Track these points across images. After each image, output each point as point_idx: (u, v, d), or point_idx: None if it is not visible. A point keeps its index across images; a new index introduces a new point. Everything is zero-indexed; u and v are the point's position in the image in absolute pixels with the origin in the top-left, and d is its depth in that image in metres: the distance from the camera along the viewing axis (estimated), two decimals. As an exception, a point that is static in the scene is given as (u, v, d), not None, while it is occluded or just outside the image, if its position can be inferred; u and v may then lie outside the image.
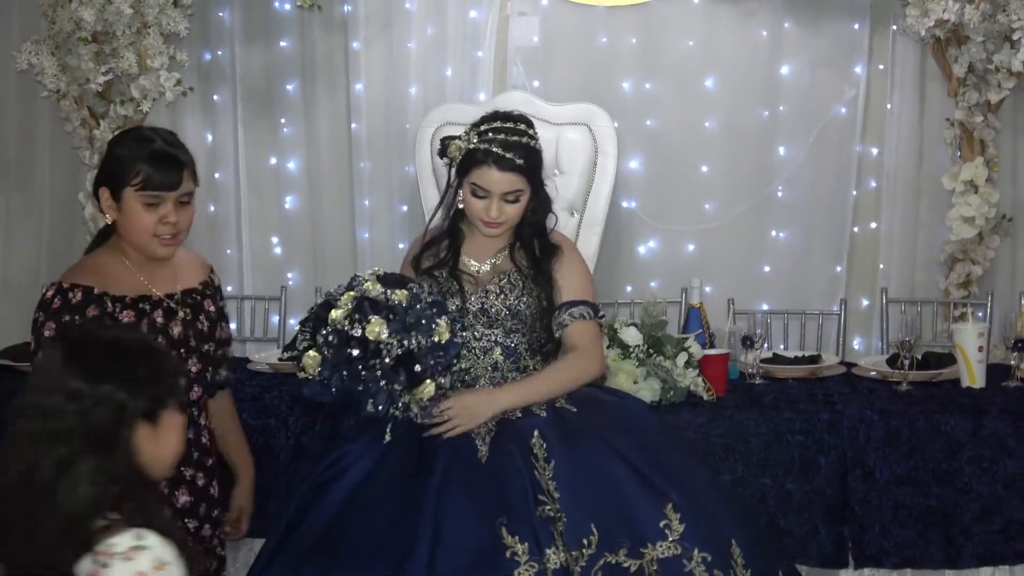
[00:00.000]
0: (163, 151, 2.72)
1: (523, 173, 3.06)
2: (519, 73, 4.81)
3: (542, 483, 2.86)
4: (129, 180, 2.68)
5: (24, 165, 5.08)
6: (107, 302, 2.70)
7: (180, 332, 2.79)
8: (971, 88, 4.39)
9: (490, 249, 3.19)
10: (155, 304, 2.77)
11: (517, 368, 3.10)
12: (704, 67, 4.80)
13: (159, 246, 2.74)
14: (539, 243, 3.17)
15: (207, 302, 2.90)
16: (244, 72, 5.00)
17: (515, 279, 3.12)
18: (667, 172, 4.85)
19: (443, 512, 2.80)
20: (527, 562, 2.73)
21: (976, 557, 3.50)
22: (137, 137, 2.78)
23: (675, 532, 2.83)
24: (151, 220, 2.70)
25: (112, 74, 4.55)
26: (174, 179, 2.70)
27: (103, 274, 2.75)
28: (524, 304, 3.10)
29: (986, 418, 3.50)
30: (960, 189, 4.43)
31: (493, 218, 3.07)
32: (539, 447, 2.93)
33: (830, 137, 4.77)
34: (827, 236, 4.81)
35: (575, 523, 2.79)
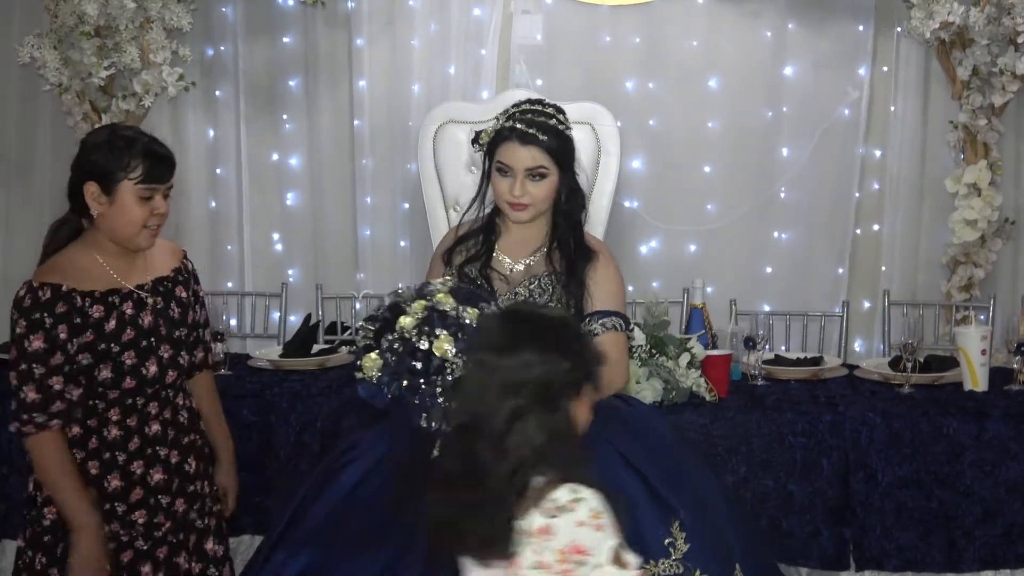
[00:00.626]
0: (156, 147, 2.87)
1: (546, 150, 3.06)
2: (522, 71, 4.80)
3: None
4: (127, 174, 2.80)
5: (25, 160, 5.07)
6: (76, 298, 2.81)
7: (150, 321, 2.90)
8: (975, 91, 4.38)
9: (527, 247, 3.17)
10: (125, 296, 2.88)
11: None
12: (708, 67, 4.79)
13: (147, 237, 2.88)
14: (575, 244, 3.15)
15: (179, 288, 3.01)
16: (247, 68, 4.98)
17: (546, 284, 3.11)
18: (670, 172, 4.84)
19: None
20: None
21: (978, 560, 3.50)
22: (122, 134, 2.88)
23: (679, 551, 2.81)
24: (143, 212, 2.84)
25: (114, 68, 4.54)
26: (169, 172, 2.88)
27: (72, 271, 2.85)
28: (554, 307, 3.07)
29: (988, 421, 3.50)
30: (963, 192, 4.42)
31: (517, 197, 3.07)
32: None
33: (833, 138, 4.76)
34: (829, 237, 4.81)
35: None
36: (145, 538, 2.92)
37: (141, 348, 2.88)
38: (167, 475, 2.93)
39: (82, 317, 2.81)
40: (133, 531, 2.90)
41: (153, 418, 2.92)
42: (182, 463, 2.97)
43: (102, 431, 2.87)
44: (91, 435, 2.87)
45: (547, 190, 3.10)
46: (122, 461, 2.88)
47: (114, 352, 2.84)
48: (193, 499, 3.02)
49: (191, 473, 3.00)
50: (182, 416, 3.00)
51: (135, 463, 2.89)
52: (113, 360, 2.84)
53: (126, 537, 2.90)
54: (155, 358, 2.90)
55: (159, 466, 2.92)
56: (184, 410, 3.01)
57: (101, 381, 2.85)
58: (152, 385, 2.90)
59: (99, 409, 2.87)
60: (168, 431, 2.95)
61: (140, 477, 2.89)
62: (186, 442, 2.99)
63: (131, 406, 2.89)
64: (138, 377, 2.88)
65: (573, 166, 3.16)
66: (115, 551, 2.88)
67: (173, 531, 2.96)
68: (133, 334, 2.86)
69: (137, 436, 2.90)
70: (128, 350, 2.86)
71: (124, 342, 2.85)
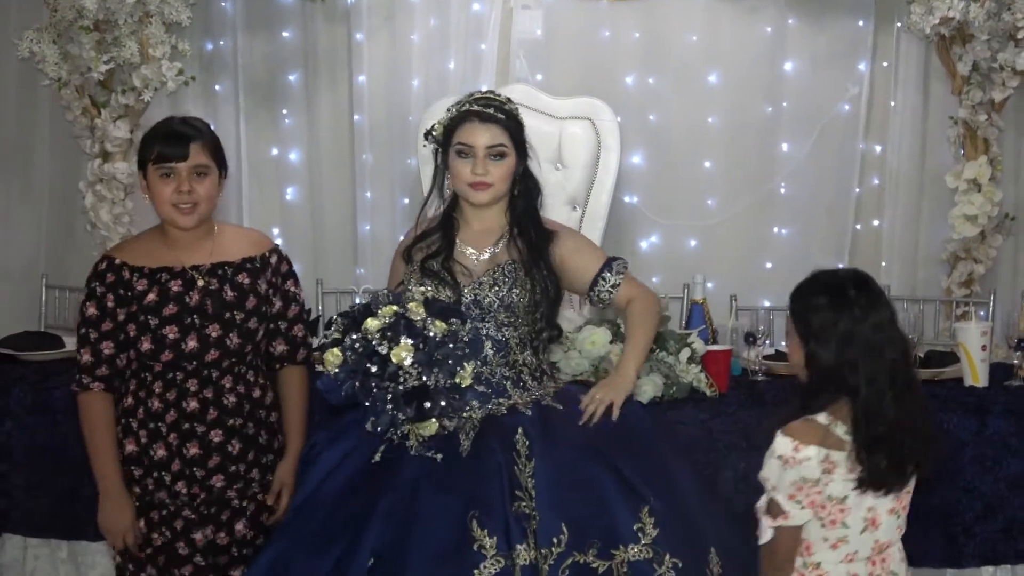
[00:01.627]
0: (172, 129, 3.10)
1: (505, 128, 3.13)
2: (522, 66, 4.79)
3: (521, 480, 2.87)
4: (148, 158, 3.07)
5: (24, 154, 5.06)
6: (125, 271, 3.09)
7: (197, 300, 3.09)
8: (975, 86, 4.38)
9: (488, 237, 3.19)
10: (176, 274, 3.10)
11: (507, 363, 3.10)
12: (707, 63, 4.78)
13: (179, 215, 3.09)
14: (535, 229, 3.18)
15: (242, 275, 3.16)
16: (246, 62, 4.97)
17: (509, 271, 3.13)
18: (669, 167, 4.83)
19: (417, 502, 2.82)
20: (493, 556, 2.74)
21: (978, 556, 3.50)
22: (160, 123, 3.16)
23: (648, 536, 2.84)
24: (168, 191, 3.06)
25: (114, 63, 4.53)
26: (181, 151, 3.06)
27: (134, 248, 3.18)
28: (517, 296, 3.10)
29: (989, 417, 3.50)
30: (963, 187, 4.42)
31: (479, 176, 3.11)
32: (522, 444, 2.94)
33: (833, 134, 4.75)
34: (829, 233, 4.80)
35: (546, 521, 2.80)
36: (190, 507, 3.10)
37: (184, 324, 3.06)
38: (203, 450, 3.09)
39: (127, 289, 3.07)
40: (178, 501, 3.09)
41: (192, 395, 3.08)
42: (224, 444, 3.11)
43: (147, 402, 3.08)
44: (140, 405, 3.09)
45: (506, 170, 3.15)
46: (164, 432, 3.08)
47: (153, 325, 3.05)
48: (233, 479, 3.15)
49: (234, 455, 3.13)
50: (228, 399, 3.12)
51: (172, 435, 3.08)
52: (153, 333, 3.05)
53: (173, 507, 3.08)
54: (196, 334, 3.07)
55: (195, 441, 3.08)
56: (232, 395, 3.13)
57: (144, 352, 3.06)
58: (190, 360, 3.06)
59: (147, 381, 3.09)
60: (209, 410, 3.10)
61: (177, 449, 3.08)
62: (231, 424, 3.12)
63: (171, 380, 3.08)
64: (176, 351, 3.06)
65: (526, 151, 3.22)
66: (166, 519, 3.09)
67: (206, 504, 3.12)
68: (176, 309, 3.06)
69: (174, 410, 3.08)
70: (170, 324, 3.05)
71: (165, 316, 3.05)
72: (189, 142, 3.07)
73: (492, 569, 2.72)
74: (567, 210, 4.30)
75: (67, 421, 3.70)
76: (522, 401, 3.08)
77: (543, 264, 3.16)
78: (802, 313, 2.66)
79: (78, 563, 3.87)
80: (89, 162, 4.70)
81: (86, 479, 3.68)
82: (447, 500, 2.83)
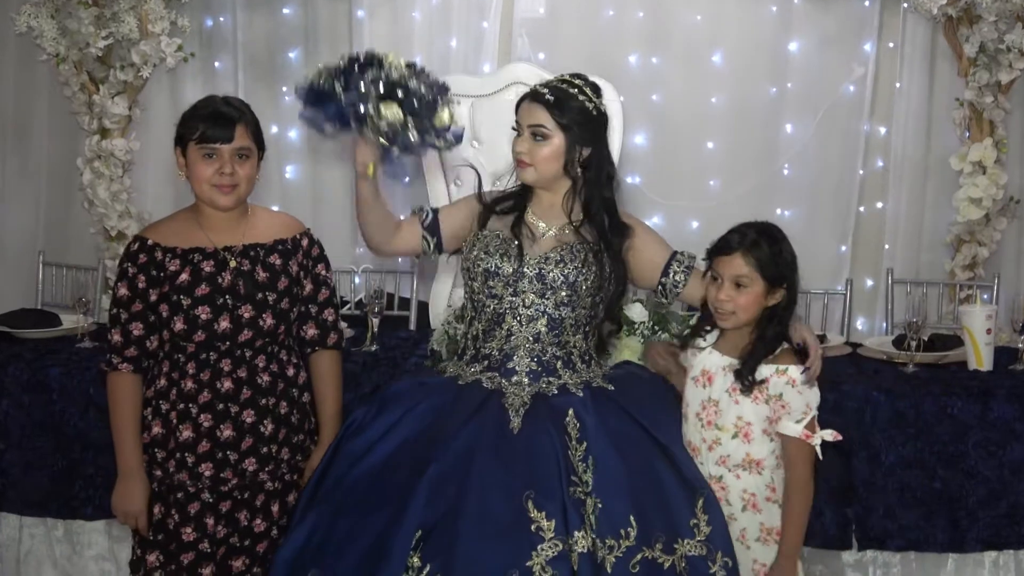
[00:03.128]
0: (217, 109, 3.08)
1: (549, 110, 3.05)
2: (524, 45, 4.77)
3: (574, 463, 2.83)
4: (190, 136, 3.05)
5: (22, 130, 5.04)
6: (157, 252, 3.09)
7: (229, 280, 3.08)
8: (981, 68, 4.35)
9: (558, 216, 3.14)
10: (208, 255, 3.10)
11: (558, 343, 3.05)
12: (711, 42, 4.76)
13: (219, 195, 3.08)
14: (609, 220, 3.12)
15: (274, 256, 3.16)
16: (246, 39, 4.94)
17: (577, 251, 3.07)
18: (672, 148, 4.81)
19: (471, 475, 2.78)
20: (552, 539, 2.69)
21: (981, 541, 3.48)
22: (202, 102, 3.14)
23: (702, 533, 2.83)
24: (209, 171, 3.06)
25: (112, 39, 4.50)
26: (226, 133, 3.04)
27: (166, 228, 3.16)
28: (583, 276, 3.05)
29: (993, 401, 3.48)
30: (968, 170, 4.39)
31: (519, 152, 3.06)
32: (573, 426, 2.91)
33: (838, 115, 4.73)
34: (833, 215, 4.77)
35: (613, 511, 2.77)
36: (211, 491, 3.08)
37: (217, 304, 3.05)
38: (236, 432, 3.08)
39: (160, 270, 3.07)
40: (200, 483, 3.08)
41: (225, 375, 3.08)
42: (257, 424, 3.11)
43: (180, 383, 3.07)
44: (172, 387, 3.07)
45: (549, 152, 3.07)
46: (194, 413, 3.06)
47: (186, 305, 3.04)
48: (265, 460, 3.13)
49: (266, 435, 3.12)
50: (261, 379, 3.12)
51: (203, 416, 3.06)
52: (185, 313, 3.04)
53: (193, 488, 3.07)
54: (229, 315, 3.06)
55: (228, 422, 3.07)
56: (266, 374, 3.13)
57: (176, 333, 3.05)
58: (223, 340, 3.07)
59: (180, 362, 3.08)
60: (243, 390, 3.09)
61: (208, 431, 3.06)
62: (263, 404, 3.11)
63: (204, 360, 3.07)
64: (209, 331, 3.05)
65: (599, 142, 3.12)
66: (183, 501, 3.08)
67: (240, 488, 3.11)
68: (208, 290, 3.06)
69: (208, 390, 3.06)
70: (202, 304, 3.04)
71: (197, 296, 3.05)
72: (234, 124, 3.06)
73: (551, 552, 2.68)
74: (569, 190, 4.28)
75: (63, 400, 3.69)
76: (572, 382, 3.04)
77: (612, 253, 3.11)
78: (774, 257, 2.96)
79: (74, 542, 3.85)
80: (87, 139, 4.67)
81: (83, 458, 3.68)
82: (503, 475, 2.78)
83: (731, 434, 2.96)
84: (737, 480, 2.96)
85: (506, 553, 2.67)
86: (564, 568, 2.67)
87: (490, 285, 3.06)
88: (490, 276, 3.06)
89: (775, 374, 2.92)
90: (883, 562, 3.60)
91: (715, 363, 3.02)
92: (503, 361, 3.04)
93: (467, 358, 3.12)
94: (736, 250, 2.96)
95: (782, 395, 2.91)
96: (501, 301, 3.05)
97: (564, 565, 2.67)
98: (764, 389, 2.93)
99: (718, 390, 2.98)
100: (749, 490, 2.96)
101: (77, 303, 4.09)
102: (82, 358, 3.85)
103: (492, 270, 3.05)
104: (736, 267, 2.95)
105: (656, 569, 2.73)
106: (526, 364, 3.03)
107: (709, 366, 3.03)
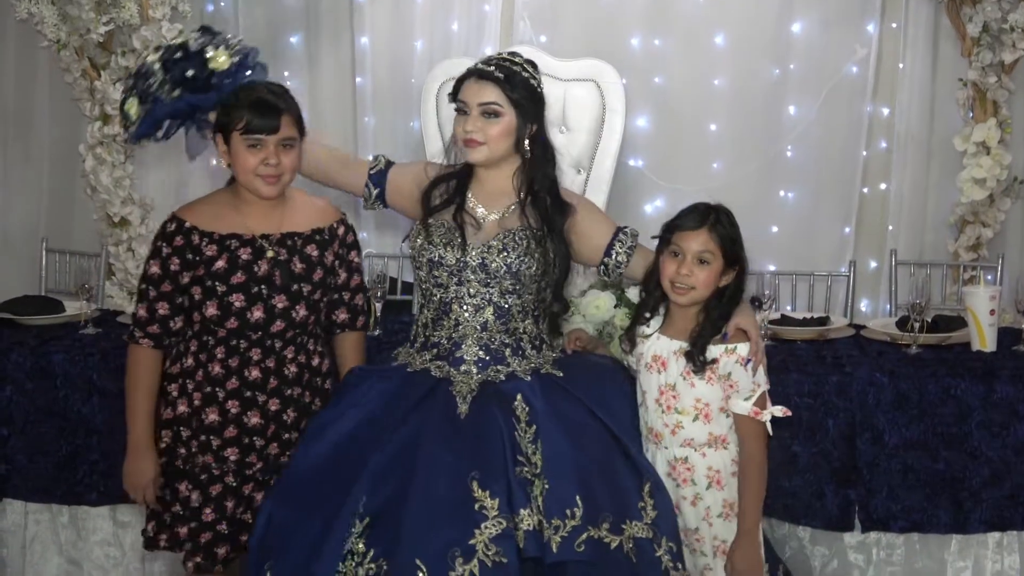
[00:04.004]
0: (263, 99, 3.05)
1: (500, 87, 3.06)
2: (526, 28, 4.75)
3: (522, 445, 2.85)
4: (235, 126, 3.03)
5: (23, 117, 5.04)
6: (194, 235, 3.08)
7: (266, 270, 3.09)
8: (985, 48, 4.33)
9: (500, 199, 3.15)
10: (245, 242, 3.10)
11: (507, 330, 3.08)
12: (714, 24, 4.73)
13: (262, 185, 3.07)
14: (551, 200, 3.13)
15: (311, 247, 3.16)
16: (247, 24, 4.93)
17: (520, 238, 3.08)
18: (675, 130, 4.79)
19: (416, 460, 2.81)
20: (495, 517, 2.72)
21: (984, 522, 3.48)
22: (245, 88, 3.11)
23: (648, 516, 2.86)
24: (254, 161, 3.05)
25: (113, 24, 4.49)
26: (272, 124, 3.03)
27: (203, 211, 3.15)
28: (525, 265, 3.06)
29: (997, 382, 3.47)
30: (972, 150, 4.37)
31: (468, 132, 3.07)
32: (521, 410, 2.93)
33: (841, 96, 4.70)
34: (836, 197, 4.75)
35: (559, 491, 2.79)
36: (235, 475, 3.12)
37: (251, 293, 3.07)
38: (263, 419, 3.12)
39: (196, 253, 3.07)
40: (224, 467, 3.11)
41: (254, 364, 3.10)
42: (280, 412, 3.14)
43: (207, 366, 3.10)
44: (199, 368, 3.10)
45: (501, 130, 3.09)
46: (221, 398, 3.10)
47: (220, 292, 3.06)
48: (287, 446, 3.16)
49: (288, 423, 3.15)
50: (288, 370, 3.14)
51: (231, 402, 3.10)
52: (219, 299, 3.06)
53: (217, 471, 3.10)
54: (262, 305, 3.08)
55: (256, 410, 3.11)
56: (293, 365, 3.15)
57: (208, 318, 3.07)
58: (255, 330, 3.08)
59: (209, 345, 3.10)
60: (270, 379, 3.12)
61: (235, 417, 3.10)
62: (288, 394, 3.14)
63: (234, 347, 3.10)
64: (242, 320, 3.07)
65: (542, 119, 3.16)
66: (205, 483, 3.10)
67: (263, 471, 3.15)
68: (244, 278, 3.07)
69: (236, 377, 3.10)
70: (236, 292, 3.06)
71: (233, 284, 3.06)
72: (280, 114, 3.05)
73: (494, 530, 2.70)
74: (572, 174, 4.26)
75: (67, 386, 3.70)
76: (520, 369, 3.06)
77: (555, 236, 3.12)
78: (734, 238, 3.07)
79: (79, 528, 3.86)
80: (89, 125, 4.66)
81: (87, 444, 3.69)
82: (449, 459, 2.81)
83: (692, 417, 3.02)
84: (703, 458, 3.02)
85: (449, 532, 2.69)
86: (508, 546, 2.69)
87: (435, 275, 3.09)
88: (435, 266, 3.09)
89: (724, 353, 2.98)
90: (886, 544, 3.60)
91: (665, 348, 3.07)
92: (452, 350, 3.07)
93: (417, 346, 3.15)
94: (703, 226, 3.03)
95: (730, 374, 2.97)
96: (447, 290, 3.08)
97: (508, 543, 2.70)
98: (715, 369, 2.99)
99: (673, 375, 3.04)
100: (714, 467, 3.02)
101: (80, 289, 4.10)
102: (85, 344, 3.86)
103: (436, 260, 3.08)
104: (702, 242, 3.03)
105: (602, 548, 2.75)
106: (474, 353, 3.06)
107: (660, 351, 3.08)
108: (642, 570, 2.80)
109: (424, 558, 2.66)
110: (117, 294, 4.61)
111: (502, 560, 2.67)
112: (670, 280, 3.04)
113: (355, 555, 2.73)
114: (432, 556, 2.66)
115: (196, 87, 3.09)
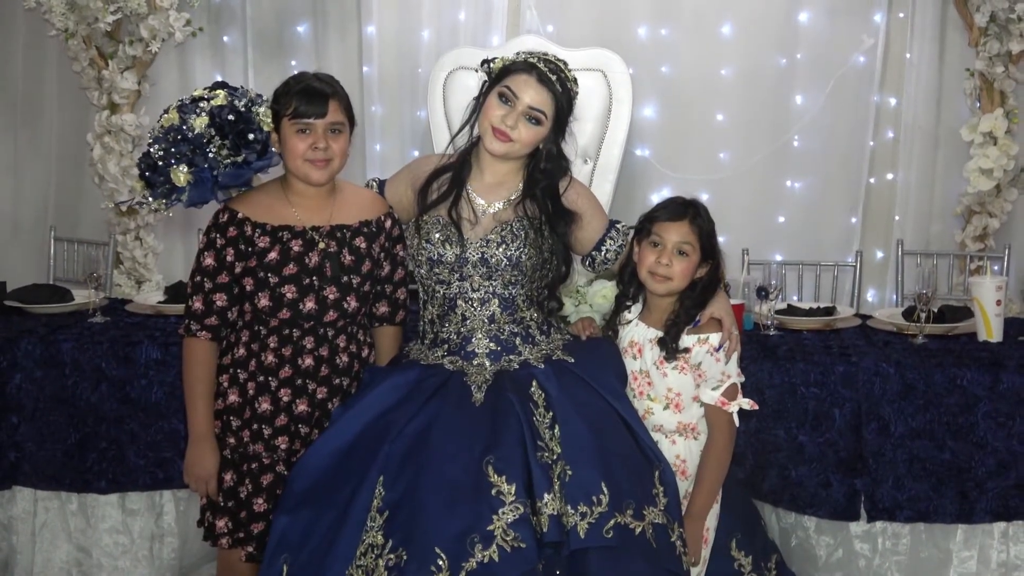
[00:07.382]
0: (310, 85, 3.10)
1: (554, 99, 3.07)
2: (533, 17, 4.76)
3: (540, 430, 2.85)
4: (284, 112, 3.08)
5: (31, 106, 5.04)
6: (246, 226, 3.09)
7: (317, 261, 3.09)
8: (992, 38, 4.33)
9: (499, 192, 3.15)
10: (297, 234, 3.10)
11: (514, 320, 3.09)
12: (721, 13, 4.74)
13: (311, 169, 3.09)
14: (552, 206, 3.13)
15: (359, 239, 3.16)
16: (255, 13, 4.94)
17: (518, 229, 3.09)
18: (682, 120, 4.80)
19: (430, 450, 2.81)
20: (512, 503, 2.70)
21: (990, 512, 3.48)
22: (294, 78, 3.16)
23: (661, 502, 2.86)
24: (303, 146, 3.07)
25: (121, 14, 4.50)
26: (319, 108, 3.06)
27: (256, 202, 3.15)
28: (525, 255, 3.07)
29: (1003, 372, 3.47)
30: (979, 141, 4.38)
31: (508, 127, 3.05)
32: (538, 395, 2.93)
33: (848, 86, 4.71)
34: (843, 186, 4.77)
35: (584, 478, 2.78)
36: (286, 464, 3.11)
37: (303, 285, 3.08)
38: (311, 408, 3.13)
39: (248, 244, 3.08)
40: (275, 456, 3.11)
41: (307, 352, 3.12)
42: (326, 400, 3.15)
43: (260, 355, 3.11)
44: (252, 358, 3.11)
45: (534, 136, 3.08)
46: (274, 387, 3.11)
47: (272, 283, 3.07)
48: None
49: (331, 411, 3.16)
50: (340, 359, 3.16)
51: (283, 391, 3.11)
52: (272, 290, 3.07)
53: (268, 460, 3.12)
54: (314, 296, 3.09)
55: (305, 398, 3.12)
56: (345, 354, 3.16)
57: (260, 308, 3.08)
58: (307, 320, 3.10)
59: (261, 335, 3.11)
60: (321, 368, 3.13)
61: (286, 405, 3.11)
62: (335, 383, 3.16)
63: (287, 337, 3.10)
64: (294, 310, 3.08)
65: (565, 130, 3.16)
66: (256, 472, 3.11)
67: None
68: (296, 269, 3.07)
69: (289, 366, 3.11)
70: (288, 283, 3.07)
71: (285, 275, 3.07)
72: (327, 99, 3.08)
73: (512, 515, 2.69)
74: (579, 163, 4.26)
75: (76, 374, 3.70)
76: (533, 356, 3.07)
77: (556, 236, 3.12)
78: (710, 232, 3.09)
79: (88, 516, 3.87)
80: (97, 114, 4.67)
81: (96, 431, 3.70)
82: (458, 444, 2.81)
83: (663, 405, 3.07)
84: (672, 445, 3.07)
85: (466, 519, 2.69)
86: (526, 531, 2.68)
87: (436, 272, 3.10)
88: (434, 264, 3.09)
89: (697, 343, 3.02)
90: (892, 533, 3.60)
91: (642, 335, 3.12)
92: (462, 344, 3.08)
93: (427, 342, 3.16)
94: (684, 217, 3.07)
95: (701, 364, 3.02)
96: (450, 286, 3.09)
97: (526, 528, 2.68)
98: (687, 358, 3.02)
99: (648, 362, 3.08)
100: (682, 455, 3.06)
101: (89, 278, 4.10)
102: (94, 332, 3.86)
103: (435, 258, 3.08)
104: (683, 234, 3.06)
105: (628, 534, 2.75)
106: (485, 345, 3.08)
107: (637, 338, 3.13)
108: (662, 555, 2.80)
109: (442, 545, 2.65)
110: (125, 282, 4.63)
111: (520, 545, 2.67)
112: (649, 270, 3.07)
113: (375, 548, 2.74)
114: (450, 542, 2.66)
115: (257, 149, 3.11)
